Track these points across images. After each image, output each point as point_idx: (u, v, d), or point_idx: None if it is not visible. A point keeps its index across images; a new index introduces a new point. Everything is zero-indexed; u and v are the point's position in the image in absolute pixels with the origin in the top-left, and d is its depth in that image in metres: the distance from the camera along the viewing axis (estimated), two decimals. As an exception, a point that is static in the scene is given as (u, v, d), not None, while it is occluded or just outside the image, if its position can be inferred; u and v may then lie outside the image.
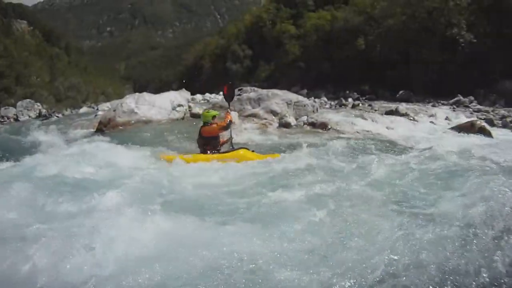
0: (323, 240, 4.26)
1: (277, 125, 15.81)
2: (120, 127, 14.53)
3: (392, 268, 3.63)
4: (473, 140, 12.78)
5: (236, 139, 12.42)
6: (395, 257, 3.76)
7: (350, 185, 6.19)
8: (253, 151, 9.25)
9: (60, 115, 35.46)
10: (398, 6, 40.29)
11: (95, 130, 15.27)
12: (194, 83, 76.38)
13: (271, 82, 51.44)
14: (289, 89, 35.04)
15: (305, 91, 44.74)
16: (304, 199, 5.62)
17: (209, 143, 8.90)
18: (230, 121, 8.93)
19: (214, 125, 8.93)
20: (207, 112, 9.40)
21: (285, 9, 64.07)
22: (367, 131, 15.09)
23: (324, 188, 6.09)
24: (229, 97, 10.09)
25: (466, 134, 13.98)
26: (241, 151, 8.82)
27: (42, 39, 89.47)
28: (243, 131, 14.12)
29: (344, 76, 43.00)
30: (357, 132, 14.87)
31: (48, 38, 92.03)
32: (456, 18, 34.53)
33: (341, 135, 13.53)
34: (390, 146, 10.68)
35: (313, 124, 15.82)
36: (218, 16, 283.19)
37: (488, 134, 13.91)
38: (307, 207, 5.26)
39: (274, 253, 3.98)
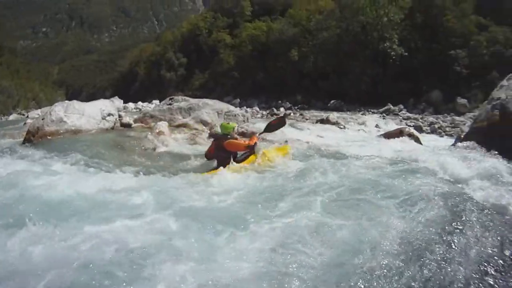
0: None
1: (207, 135, 15.17)
2: (49, 137, 13.23)
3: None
4: (402, 145, 12.54)
5: (166, 150, 11.92)
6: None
7: (303, 193, 6.12)
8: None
9: (-12, 122, 33.53)
10: (333, 20, 41.42)
11: (23, 139, 14.03)
12: (128, 90, 74.93)
13: (205, 91, 51.07)
14: (222, 98, 34.58)
15: (238, 100, 44.88)
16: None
17: (232, 156, 8.30)
18: (256, 143, 8.40)
19: (241, 142, 8.49)
20: (227, 124, 8.81)
21: (223, 18, 63.95)
22: (297, 139, 14.71)
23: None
24: (271, 128, 9.57)
25: (394, 140, 13.81)
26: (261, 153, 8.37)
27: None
28: (173, 142, 13.43)
29: (278, 86, 43.39)
30: (286, 140, 14.45)
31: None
32: (389, 33, 35.73)
33: (271, 144, 13.06)
34: (319, 153, 10.32)
35: (243, 134, 15.20)
36: (156, 22, 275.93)
37: (416, 139, 13.95)
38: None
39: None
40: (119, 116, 17.07)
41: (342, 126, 19.51)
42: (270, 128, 9.37)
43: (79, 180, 6.98)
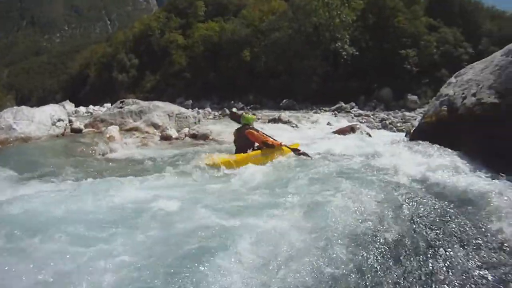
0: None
1: (159, 138, 14.80)
2: (-1, 146, 12.70)
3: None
4: (353, 141, 12.67)
5: (117, 155, 11.75)
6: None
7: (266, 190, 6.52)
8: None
9: None
10: (285, 21, 41.77)
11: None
12: (79, 93, 73.05)
13: (156, 93, 50.15)
14: (174, 100, 34.05)
15: (190, 101, 44.27)
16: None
17: (251, 145, 9.11)
18: (273, 145, 9.09)
19: (261, 136, 9.19)
20: (248, 116, 9.85)
21: (176, 18, 63.08)
22: None
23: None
24: (296, 152, 9.70)
25: (346, 137, 13.92)
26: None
27: None
28: (124, 146, 13.01)
29: (230, 86, 43.14)
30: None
31: None
32: (341, 33, 36.48)
33: (222, 145, 13.00)
34: None
35: (194, 136, 15.01)
36: (109, 22, 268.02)
37: (367, 135, 14.45)
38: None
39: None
40: (70, 121, 16.68)
41: (294, 125, 19.70)
42: (295, 151, 9.69)
43: (85, 192, 6.60)
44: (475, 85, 8.66)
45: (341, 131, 15.24)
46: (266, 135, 9.39)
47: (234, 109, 11.79)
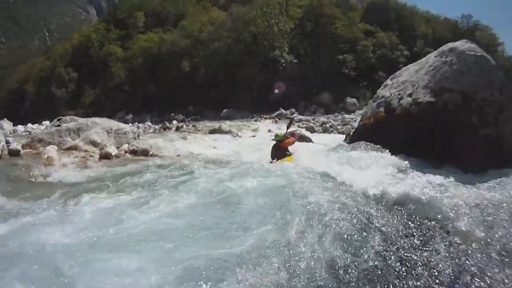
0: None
1: (98, 156, 14.19)
2: None
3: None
4: (295, 147, 12.67)
5: (57, 177, 10.76)
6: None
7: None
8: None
9: None
10: (225, 30, 42.05)
11: None
12: (19, 111, 70.21)
13: (96, 107, 48.53)
14: (114, 115, 33.17)
15: (130, 116, 43.26)
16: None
17: (286, 151, 10.52)
18: (294, 141, 10.98)
19: (287, 143, 10.67)
20: (279, 134, 11.21)
21: (115, 30, 61.82)
22: (190, 152, 14.32)
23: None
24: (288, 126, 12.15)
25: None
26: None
27: None
28: (62, 167, 12.29)
29: (170, 98, 42.54)
30: (179, 155, 13.98)
31: None
32: (279, 42, 37.26)
33: (162, 160, 12.64)
34: (210, 164, 10.35)
35: (134, 152, 14.45)
36: (47, 34, 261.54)
37: (308, 139, 15.69)
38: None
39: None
40: (7, 142, 15.73)
41: (235, 134, 19.98)
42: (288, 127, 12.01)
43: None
44: (410, 86, 9.20)
45: (281, 138, 15.32)
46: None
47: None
